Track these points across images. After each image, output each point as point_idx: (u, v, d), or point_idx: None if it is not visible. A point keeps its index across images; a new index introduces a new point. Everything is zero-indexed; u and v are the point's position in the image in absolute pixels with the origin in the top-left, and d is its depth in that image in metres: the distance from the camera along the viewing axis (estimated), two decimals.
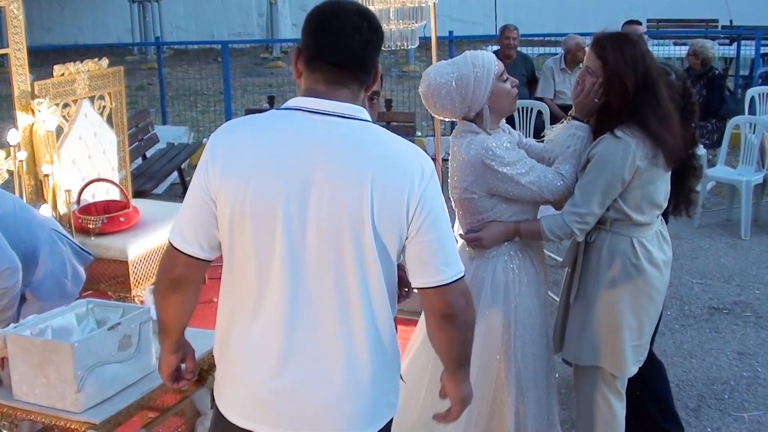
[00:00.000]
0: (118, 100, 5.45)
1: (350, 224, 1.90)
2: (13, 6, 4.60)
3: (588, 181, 2.92)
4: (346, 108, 1.95)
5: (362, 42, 1.95)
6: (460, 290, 2.02)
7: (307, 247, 1.92)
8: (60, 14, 20.31)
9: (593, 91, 2.95)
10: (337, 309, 1.96)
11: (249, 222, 1.92)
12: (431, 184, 1.96)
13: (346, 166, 1.90)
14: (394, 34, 4.63)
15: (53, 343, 2.64)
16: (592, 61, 2.94)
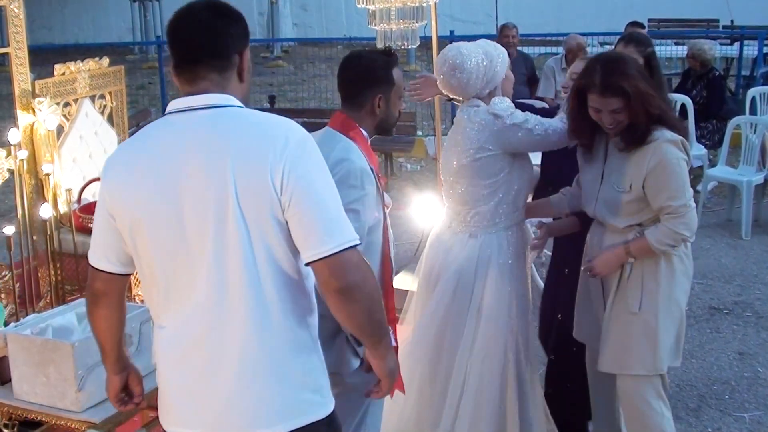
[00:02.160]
0: (119, 99, 5.45)
1: (216, 211, 1.88)
2: (14, 5, 4.59)
3: (671, 185, 2.90)
4: (207, 99, 1.95)
5: (204, 32, 1.96)
6: (351, 261, 1.90)
7: (191, 246, 1.93)
8: (61, 13, 20.31)
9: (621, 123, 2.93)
10: (226, 304, 1.94)
11: (145, 232, 1.97)
12: (301, 150, 1.89)
13: (207, 154, 1.90)
14: (395, 34, 4.64)
15: (54, 342, 2.64)
16: (613, 104, 2.88)
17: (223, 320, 1.94)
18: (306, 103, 11.83)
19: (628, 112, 2.87)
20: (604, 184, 3.03)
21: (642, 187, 2.91)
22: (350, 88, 2.77)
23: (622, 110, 2.87)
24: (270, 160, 1.86)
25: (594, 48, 10.27)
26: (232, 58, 1.99)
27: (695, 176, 7.75)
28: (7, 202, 7.31)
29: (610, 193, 3.00)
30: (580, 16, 15.82)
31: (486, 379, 3.18)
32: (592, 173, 3.09)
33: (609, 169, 3.03)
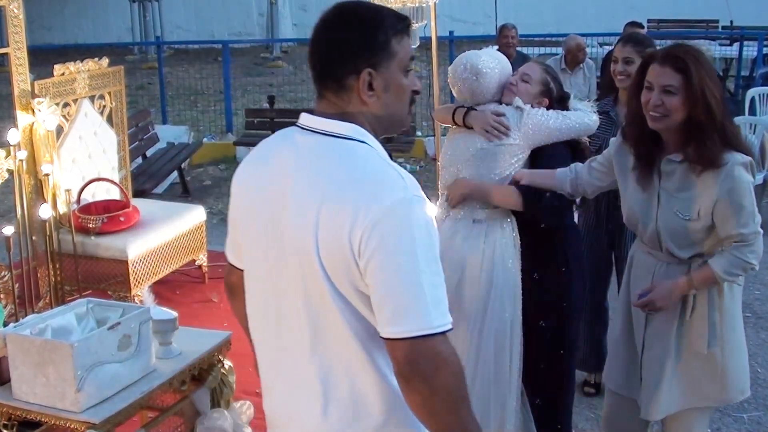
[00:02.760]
0: (119, 99, 5.46)
1: (297, 253, 1.72)
2: (13, 5, 4.59)
3: (743, 213, 2.65)
4: (332, 126, 1.75)
5: (325, 44, 1.74)
6: (418, 350, 1.62)
7: (271, 276, 1.82)
8: (60, 13, 20.31)
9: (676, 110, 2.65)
10: (288, 342, 1.81)
11: (247, 244, 1.90)
12: (390, 215, 1.62)
13: (304, 187, 1.73)
14: None
15: (53, 343, 2.64)
16: (669, 78, 2.61)
17: (286, 355, 1.85)
18: (305, 103, 11.84)
19: (684, 100, 2.59)
20: (663, 209, 2.74)
21: (711, 214, 2.66)
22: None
23: (677, 93, 2.59)
24: (352, 218, 1.64)
25: (593, 48, 10.26)
26: (346, 81, 1.74)
27: None
28: (7, 203, 7.31)
29: (674, 222, 2.71)
30: (579, 17, 15.84)
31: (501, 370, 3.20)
32: (646, 194, 2.79)
33: (666, 193, 2.74)
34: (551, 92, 3.30)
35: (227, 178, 8.91)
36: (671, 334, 2.80)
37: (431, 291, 1.63)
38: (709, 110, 2.58)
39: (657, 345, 2.83)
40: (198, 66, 14.46)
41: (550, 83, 3.31)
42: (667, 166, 2.71)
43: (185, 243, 5.42)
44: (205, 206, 6.09)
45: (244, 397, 3.69)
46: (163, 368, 2.92)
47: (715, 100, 2.59)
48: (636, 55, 3.67)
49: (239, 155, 9.51)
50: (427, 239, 1.65)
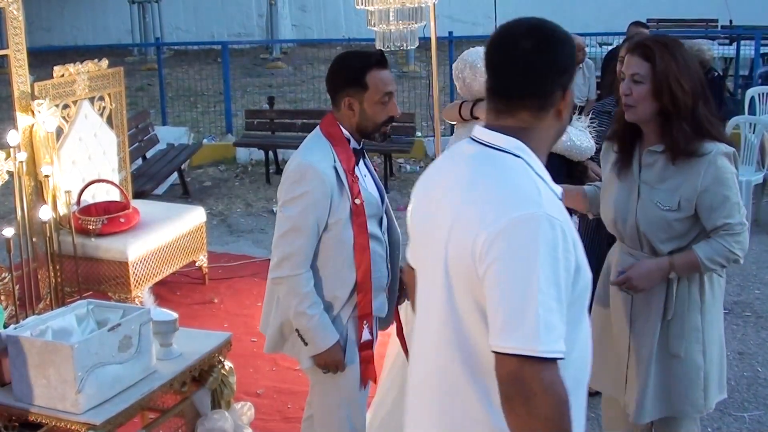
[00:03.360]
0: (118, 100, 5.46)
1: (436, 257, 1.78)
2: (12, 7, 4.60)
3: (728, 203, 2.64)
4: (488, 135, 1.78)
5: (523, 69, 1.74)
6: (520, 370, 1.58)
7: (421, 278, 1.91)
8: (60, 15, 20.31)
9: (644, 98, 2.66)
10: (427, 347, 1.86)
11: (412, 244, 1.99)
12: (513, 229, 1.62)
13: (449, 192, 1.79)
14: (394, 35, 4.63)
15: (53, 344, 2.64)
16: (636, 66, 2.63)
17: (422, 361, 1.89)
18: (305, 104, 11.84)
19: (651, 89, 2.59)
20: (643, 202, 2.70)
21: (694, 205, 2.62)
22: (328, 87, 2.85)
23: (644, 82, 2.60)
24: (481, 223, 1.66)
25: (593, 48, 10.26)
26: (552, 98, 1.76)
27: None
28: (7, 204, 7.31)
29: (654, 213, 2.66)
30: (579, 17, 15.82)
31: None
32: (626, 188, 2.76)
33: (647, 186, 2.70)
34: None
35: (227, 179, 8.92)
36: (655, 337, 2.75)
37: (544, 313, 1.59)
38: (674, 99, 2.58)
39: (642, 348, 2.77)
40: (197, 67, 14.46)
41: None
42: (649, 158, 2.70)
43: (185, 244, 5.43)
44: (205, 207, 6.09)
45: (244, 398, 3.70)
46: (164, 369, 2.92)
47: (682, 90, 2.57)
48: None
49: (239, 156, 9.51)
50: (551, 260, 1.61)
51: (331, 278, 2.76)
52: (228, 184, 8.76)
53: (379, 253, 2.83)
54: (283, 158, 9.08)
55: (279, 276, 2.73)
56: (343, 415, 2.86)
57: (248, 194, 8.31)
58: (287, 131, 8.99)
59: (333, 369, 2.78)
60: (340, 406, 2.86)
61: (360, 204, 2.74)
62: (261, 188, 8.52)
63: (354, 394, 2.87)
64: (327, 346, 2.73)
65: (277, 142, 8.89)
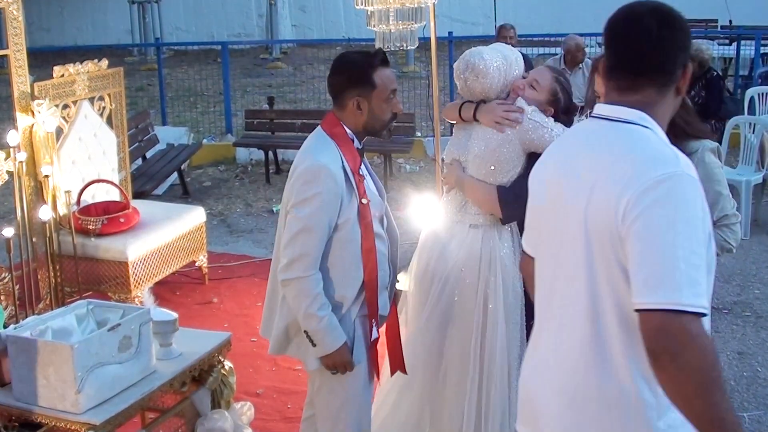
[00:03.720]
0: (118, 101, 5.46)
1: (574, 231, 1.82)
2: (12, 7, 4.60)
3: (721, 196, 2.77)
4: (625, 113, 1.83)
5: (650, 44, 1.81)
6: (669, 325, 1.60)
7: (560, 256, 1.90)
8: (59, 15, 20.31)
9: None
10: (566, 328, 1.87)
11: (536, 225, 2.01)
12: (657, 189, 1.66)
13: (582, 166, 1.84)
14: (394, 35, 4.64)
15: (53, 344, 2.64)
16: None
17: (561, 351, 1.89)
18: (305, 104, 11.84)
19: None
20: None
21: None
22: (332, 89, 2.84)
23: None
24: (623, 185, 1.70)
25: (593, 48, 10.26)
26: (675, 73, 1.85)
27: None
28: (7, 204, 7.31)
29: None
30: (578, 17, 15.82)
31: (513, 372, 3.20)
32: None
33: None
34: (558, 102, 3.26)
35: (227, 179, 8.92)
36: None
37: (687, 268, 1.62)
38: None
39: None
40: (197, 67, 14.46)
41: (558, 93, 3.26)
42: None
43: (185, 244, 5.43)
44: (204, 207, 6.09)
45: (244, 398, 3.70)
46: (164, 369, 2.92)
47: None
48: None
49: (239, 156, 9.51)
50: (692, 218, 1.66)
51: (340, 278, 2.76)
52: (228, 184, 8.76)
53: (382, 252, 2.84)
54: (283, 158, 9.08)
55: (289, 277, 2.70)
56: (350, 415, 2.86)
57: (248, 194, 8.31)
58: (287, 131, 8.99)
59: (341, 369, 2.77)
60: (345, 406, 2.86)
61: (367, 204, 2.76)
62: (261, 188, 8.52)
63: (360, 394, 2.87)
64: (336, 347, 2.72)
65: (276, 142, 8.89)
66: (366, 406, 2.94)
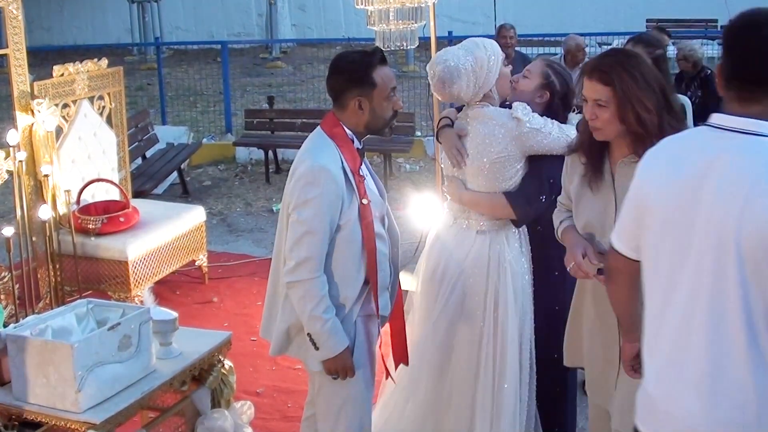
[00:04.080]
0: (118, 100, 5.46)
1: (717, 244, 1.82)
2: (12, 6, 4.60)
3: None
4: (751, 124, 1.83)
5: None
6: None
7: (690, 255, 1.90)
8: (59, 14, 20.31)
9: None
10: (721, 338, 1.86)
11: (652, 227, 1.99)
12: None
13: (722, 181, 1.83)
14: (394, 35, 4.64)
15: (53, 343, 2.64)
16: (597, 92, 2.57)
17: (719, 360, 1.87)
18: (305, 103, 11.84)
19: (615, 112, 2.54)
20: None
21: None
22: (332, 90, 2.82)
23: (607, 106, 2.53)
24: None
25: (593, 48, 10.26)
26: None
27: None
28: (7, 204, 7.31)
29: None
30: (578, 17, 15.83)
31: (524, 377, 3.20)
32: (600, 200, 2.67)
33: (624, 194, 2.57)
34: (552, 85, 3.26)
35: (227, 178, 8.92)
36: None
37: None
38: (640, 120, 2.53)
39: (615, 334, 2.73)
40: (197, 67, 14.46)
41: (550, 76, 3.27)
42: (624, 168, 2.60)
43: (185, 243, 5.43)
44: (204, 207, 6.09)
45: (244, 397, 3.70)
46: (164, 368, 2.92)
47: (646, 109, 2.52)
48: (646, 56, 3.60)
49: (238, 156, 9.51)
50: None
51: (342, 278, 2.75)
52: (227, 183, 8.76)
53: (383, 252, 2.84)
54: (282, 158, 9.08)
55: (295, 280, 2.69)
56: (350, 415, 2.86)
57: (248, 194, 8.31)
58: (287, 131, 8.99)
59: (342, 375, 2.76)
60: (346, 406, 2.85)
61: (367, 204, 2.75)
62: (260, 188, 8.52)
63: (361, 394, 2.87)
64: (338, 350, 2.71)
65: (276, 141, 8.89)
66: (367, 406, 2.94)
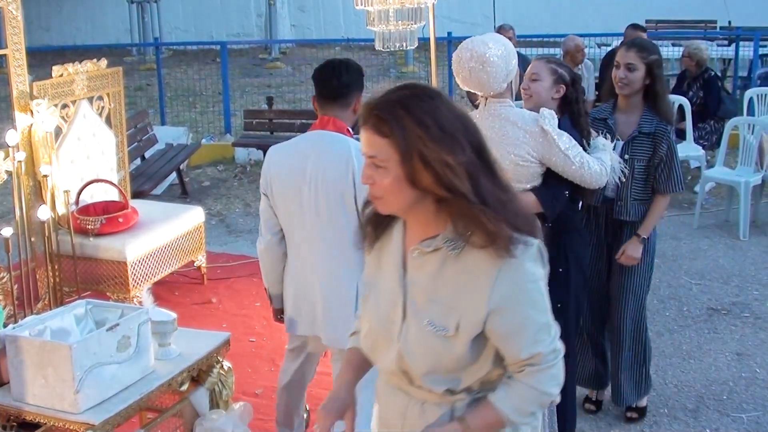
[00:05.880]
0: (117, 100, 5.45)
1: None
2: (11, 6, 4.59)
3: (530, 324, 1.84)
4: None
5: None
6: None
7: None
8: (58, 14, 20.29)
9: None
10: None
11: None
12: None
13: None
14: (393, 35, 4.64)
15: (52, 344, 2.64)
16: (375, 146, 1.78)
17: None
18: (304, 104, 11.83)
19: (401, 173, 1.76)
20: (410, 322, 1.89)
21: (481, 328, 1.83)
22: (344, 87, 3.03)
23: (386, 165, 1.78)
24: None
25: (592, 49, 10.26)
26: None
27: (693, 177, 7.78)
28: (5, 204, 7.30)
29: (424, 339, 1.86)
30: (577, 18, 15.82)
31: None
32: (387, 300, 1.94)
33: (415, 300, 1.88)
34: (563, 77, 3.34)
35: (226, 179, 8.91)
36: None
37: None
38: (441, 181, 1.74)
39: None
40: (196, 67, 14.45)
41: (558, 70, 3.35)
42: (418, 258, 1.86)
43: (184, 244, 5.42)
44: (203, 207, 6.09)
45: (243, 398, 3.70)
46: (162, 369, 2.92)
47: (446, 165, 1.73)
48: (639, 61, 3.61)
49: (238, 156, 9.50)
50: None
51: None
52: (227, 184, 8.75)
53: None
54: None
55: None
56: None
57: (247, 194, 8.30)
58: (286, 131, 8.97)
59: None
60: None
61: None
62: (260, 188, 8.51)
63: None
64: None
65: (275, 142, 8.78)
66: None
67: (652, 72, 3.63)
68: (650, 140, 3.65)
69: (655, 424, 3.98)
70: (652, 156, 3.65)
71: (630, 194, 3.68)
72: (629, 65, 3.64)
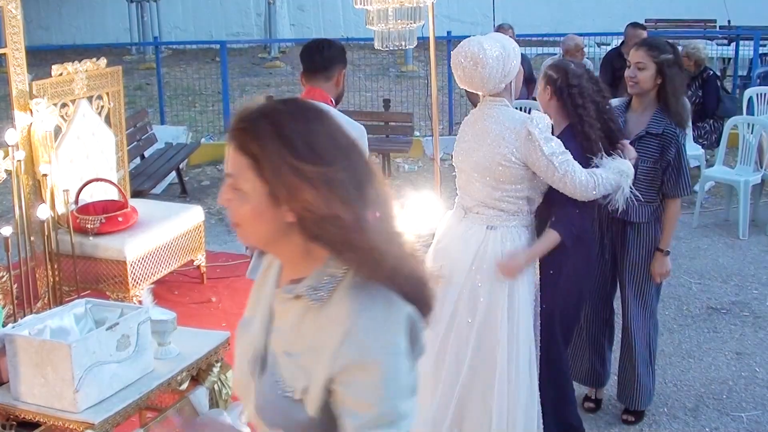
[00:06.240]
0: (116, 99, 5.45)
1: None
2: (11, 5, 4.59)
3: (373, 388, 1.42)
4: None
5: None
6: None
7: None
8: (58, 14, 20.28)
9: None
10: None
11: None
12: None
13: None
14: (392, 34, 4.63)
15: (51, 343, 2.64)
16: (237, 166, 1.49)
17: None
18: None
19: (264, 202, 1.49)
20: (266, 376, 1.65)
21: (324, 395, 1.51)
22: (326, 60, 3.33)
23: (246, 190, 1.49)
24: None
25: (591, 48, 10.27)
26: None
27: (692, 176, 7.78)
28: (5, 203, 7.30)
29: (272, 398, 1.58)
30: (577, 17, 15.83)
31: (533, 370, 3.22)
32: (252, 349, 1.68)
33: (274, 350, 1.61)
34: (549, 78, 3.38)
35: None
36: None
37: None
38: (310, 215, 1.45)
39: None
40: (196, 66, 14.44)
41: (547, 73, 3.40)
42: (283, 304, 1.60)
43: (183, 243, 5.42)
44: (203, 206, 6.08)
45: None
46: (162, 368, 2.92)
47: (316, 191, 1.43)
48: (649, 60, 3.57)
49: None
50: None
51: None
52: None
53: None
54: None
55: None
56: None
57: None
58: None
59: None
60: None
61: None
62: None
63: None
64: None
65: None
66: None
67: (663, 71, 3.60)
68: (658, 141, 3.61)
69: (655, 423, 3.98)
70: (659, 158, 3.62)
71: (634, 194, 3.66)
72: (638, 64, 3.62)
